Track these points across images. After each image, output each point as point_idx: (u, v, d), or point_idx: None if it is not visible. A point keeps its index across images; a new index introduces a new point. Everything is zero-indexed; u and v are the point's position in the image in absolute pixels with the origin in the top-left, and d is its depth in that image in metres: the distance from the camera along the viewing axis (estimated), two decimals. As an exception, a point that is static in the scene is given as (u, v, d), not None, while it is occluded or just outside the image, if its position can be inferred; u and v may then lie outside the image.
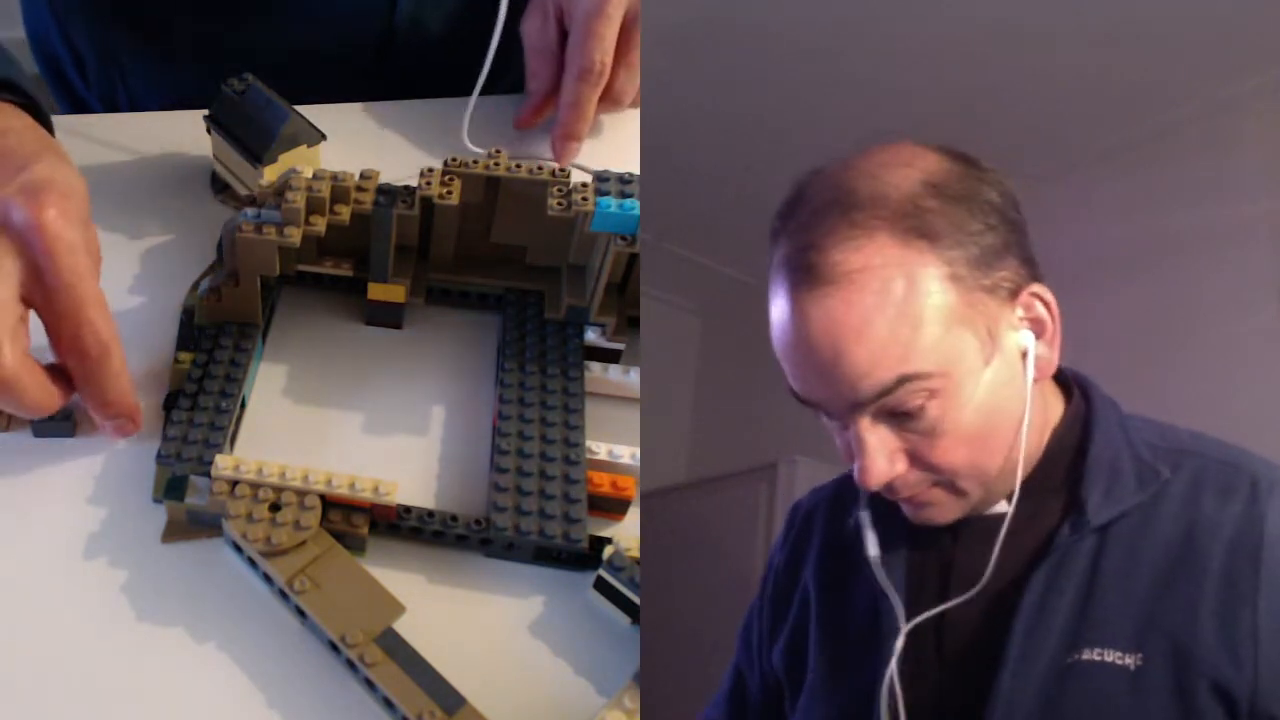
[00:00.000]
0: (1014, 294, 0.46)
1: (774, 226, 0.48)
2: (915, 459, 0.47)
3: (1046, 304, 0.47)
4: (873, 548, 0.51)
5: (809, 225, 0.46)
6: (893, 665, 0.49)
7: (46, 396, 0.54)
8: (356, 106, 0.84)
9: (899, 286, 0.44)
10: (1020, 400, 0.47)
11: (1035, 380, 0.47)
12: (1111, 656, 0.45)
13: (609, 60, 0.73)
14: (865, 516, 0.52)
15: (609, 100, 0.77)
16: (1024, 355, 0.47)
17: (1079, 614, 0.46)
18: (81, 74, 0.92)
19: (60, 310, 0.54)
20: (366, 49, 0.88)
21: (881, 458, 0.46)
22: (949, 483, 0.48)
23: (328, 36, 0.86)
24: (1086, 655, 0.46)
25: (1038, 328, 0.47)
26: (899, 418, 0.46)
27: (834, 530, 0.57)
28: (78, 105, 0.95)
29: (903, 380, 0.44)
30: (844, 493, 0.57)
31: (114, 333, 0.55)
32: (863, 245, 0.44)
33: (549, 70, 0.76)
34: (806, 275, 0.45)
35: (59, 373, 0.56)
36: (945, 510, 0.49)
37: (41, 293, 0.54)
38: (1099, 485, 0.48)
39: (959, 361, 0.45)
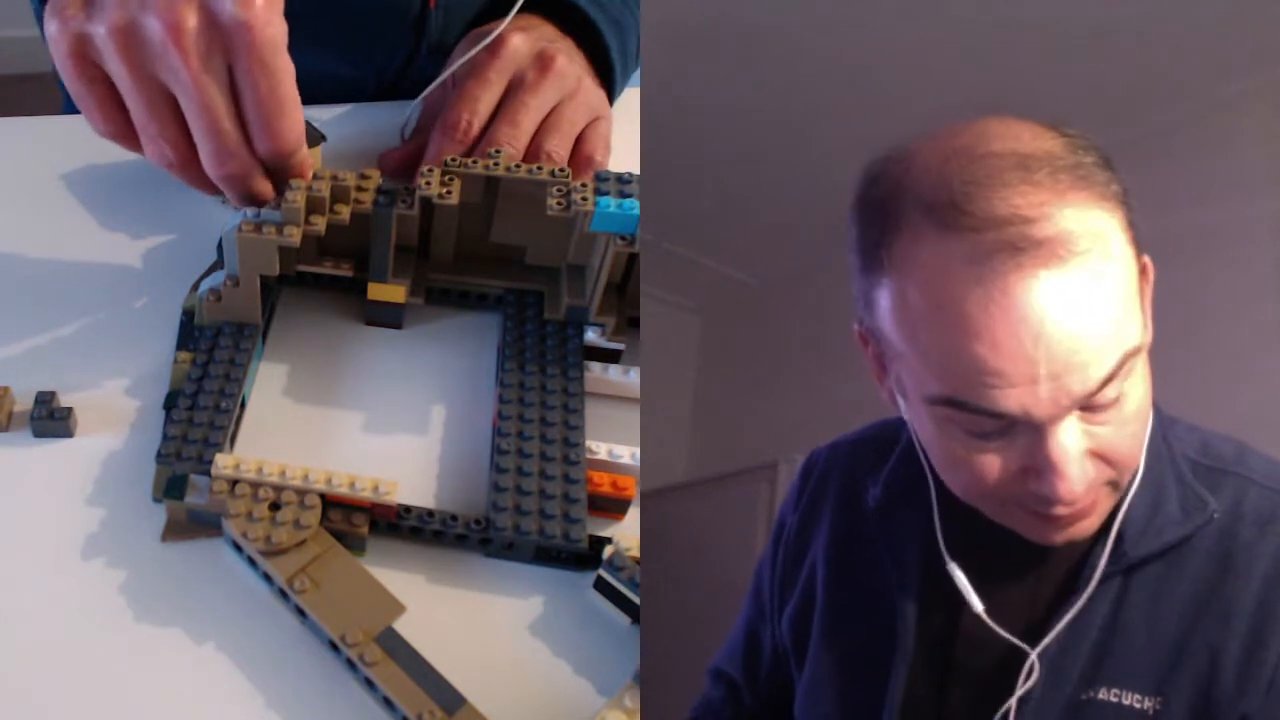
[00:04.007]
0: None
1: (891, 213, 0.41)
2: (1098, 456, 0.41)
3: (1147, 276, 0.43)
4: (978, 603, 0.46)
5: (997, 196, 0.39)
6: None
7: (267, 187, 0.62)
8: (359, 107, 0.84)
9: (1117, 250, 0.39)
10: None
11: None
12: (1130, 699, 0.43)
13: (476, 121, 0.72)
14: (959, 573, 0.47)
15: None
16: None
17: (1101, 651, 0.44)
18: None
19: (259, 115, 0.58)
20: (389, 69, 0.89)
21: (1078, 462, 0.40)
22: (1115, 480, 0.43)
23: (353, 60, 0.87)
24: (1103, 695, 0.43)
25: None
26: (1091, 410, 0.40)
27: (850, 503, 0.54)
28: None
29: (1126, 357, 0.39)
30: (859, 464, 0.54)
31: (300, 129, 0.60)
32: (1077, 210, 0.39)
33: (428, 133, 0.75)
34: (1032, 254, 0.38)
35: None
36: (1098, 518, 0.44)
37: (244, 89, 0.57)
38: (1140, 514, 0.44)
39: (1147, 332, 0.41)
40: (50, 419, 0.59)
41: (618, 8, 0.80)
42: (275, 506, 0.54)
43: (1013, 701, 0.45)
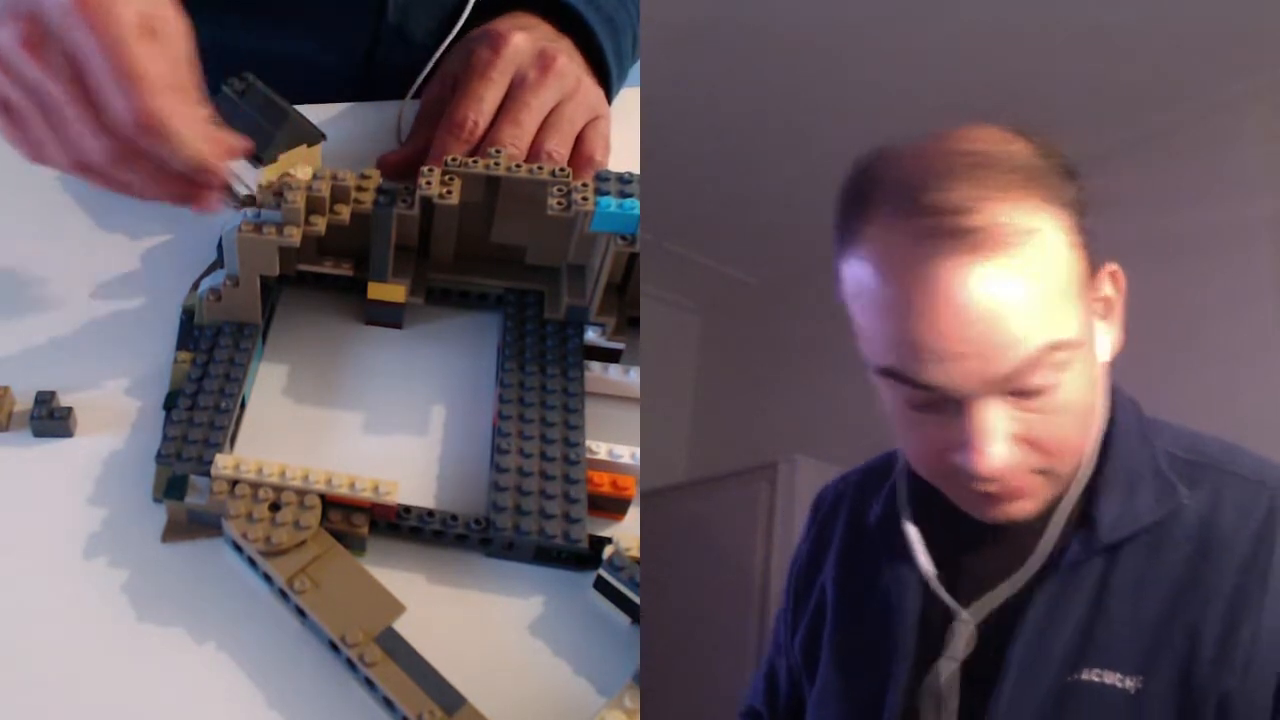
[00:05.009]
0: (1094, 268, 0.45)
1: (864, 199, 0.45)
2: (1026, 442, 0.44)
3: (1117, 284, 0.46)
4: (927, 564, 0.50)
5: (944, 189, 0.42)
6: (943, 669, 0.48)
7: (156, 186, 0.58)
8: (356, 106, 0.84)
9: (1052, 249, 0.42)
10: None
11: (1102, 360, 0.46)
12: (1112, 679, 0.44)
13: (482, 120, 0.72)
14: (913, 532, 0.50)
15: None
16: None
17: (1084, 633, 0.45)
18: None
19: (98, 86, 0.54)
20: (354, 53, 0.88)
21: (1000, 441, 0.43)
22: (1048, 468, 0.45)
23: (316, 42, 0.87)
24: (1086, 675, 0.45)
25: (1104, 308, 0.46)
26: (1020, 396, 0.43)
27: (856, 524, 0.56)
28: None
29: (1051, 348, 0.42)
30: (868, 485, 0.56)
31: (169, 104, 0.54)
32: (1016, 207, 0.42)
33: (429, 132, 0.75)
34: (963, 241, 0.41)
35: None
36: (1035, 502, 0.46)
37: (85, 70, 0.54)
38: (1114, 501, 0.46)
39: (1089, 330, 0.44)
40: (50, 419, 0.59)
41: (613, 6, 0.80)
42: (275, 507, 0.54)
43: (940, 662, 0.47)
